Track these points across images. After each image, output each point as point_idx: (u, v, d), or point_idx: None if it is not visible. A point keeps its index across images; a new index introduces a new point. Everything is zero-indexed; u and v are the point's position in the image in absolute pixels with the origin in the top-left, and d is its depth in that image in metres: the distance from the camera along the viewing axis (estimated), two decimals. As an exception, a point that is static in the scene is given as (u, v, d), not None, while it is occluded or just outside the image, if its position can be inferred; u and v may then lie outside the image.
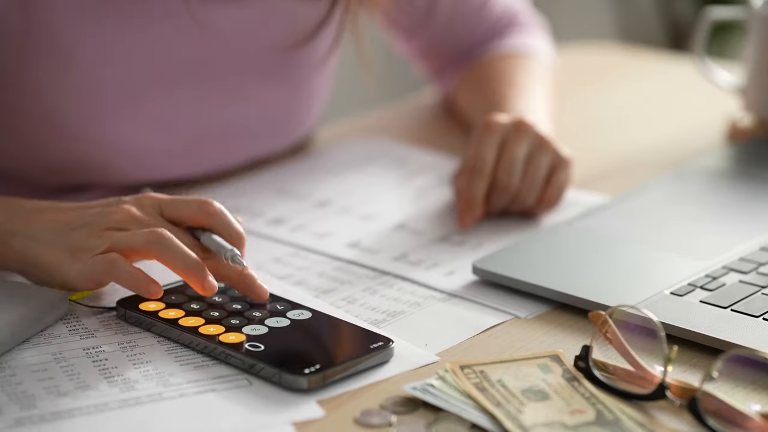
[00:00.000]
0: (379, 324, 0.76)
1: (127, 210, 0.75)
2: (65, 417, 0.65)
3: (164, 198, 0.76)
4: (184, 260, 0.72)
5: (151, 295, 0.73)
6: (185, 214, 0.76)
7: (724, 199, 0.97)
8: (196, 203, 0.76)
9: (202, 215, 0.75)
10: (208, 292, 0.73)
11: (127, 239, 0.73)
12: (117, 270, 0.72)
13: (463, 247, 0.88)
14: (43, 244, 0.74)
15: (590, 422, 0.64)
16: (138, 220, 0.74)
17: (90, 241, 0.73)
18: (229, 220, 0.76)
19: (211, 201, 0.76)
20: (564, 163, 0.92)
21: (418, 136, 1.14)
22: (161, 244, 0.72)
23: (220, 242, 0.75)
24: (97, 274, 0.73)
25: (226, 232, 0.75)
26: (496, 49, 1.13)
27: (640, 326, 0.68)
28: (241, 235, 0.76)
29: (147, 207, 0.75)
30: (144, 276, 0.73)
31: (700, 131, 1.14)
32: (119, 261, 0.72)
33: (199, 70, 0.96)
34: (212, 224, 0.75)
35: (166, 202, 0.76)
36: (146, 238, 0.72)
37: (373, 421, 0.65)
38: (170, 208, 0.76)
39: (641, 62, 1.40)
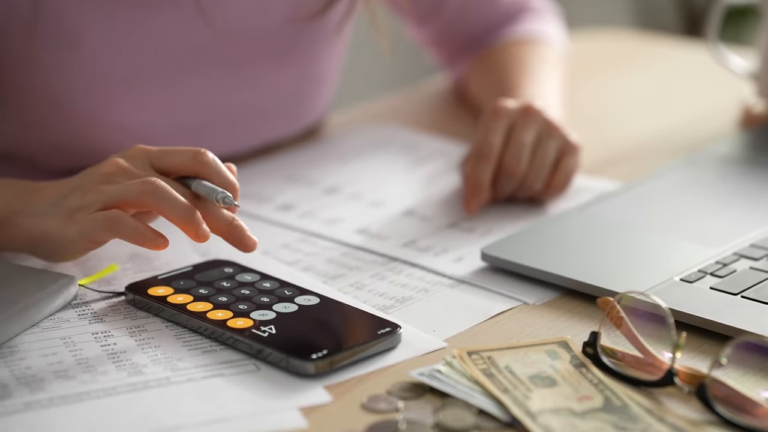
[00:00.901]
0: (387, 310, 0.76)
1: (117, 163, 0.74)
2: (73, 401, 0.65)
3: (153, 149, 0.75)
4: (179, 208, 0.71)
5: (159, 247, 0.71)
6: (176, 163, 0.74)
7: (735, 185, 0.97)
8: (189, 152, 0.74)
9: (196, 164, 0.74)
10: (201, 239, 0.72)
11: (120, 191, 0.72)
12: (119, 225, 0.71)
13: (472, 233, 0.88)
14: (42, 216, 0.73)
15: (598, 408, 0.64)
16: (128, 172, 0.73)
17: (84, 199, 0.72)
18: (221, 168, 0.74)
19: (205, 150, 0.74)
20: (572, 148, 0.92)
21: (429, 123, 1.13)
22: (155, 194, 0.71)
23: (211, 186, 0.73)
24: (98, 231, 0.72)
25: (219, 180, 0.74)
26: (508, 35, 1.13)
27: (648, 312, 0.68)
28: (233, 183, 0.74)
29: (137, 159, 0.74)
30: (149, 229, 0.72)
31: (713, 117, 1.13)
32: (121, 216, 0.71)
33: (207, 55, 0.95)
34: (206, 173, 0.74)
35: (156, 153, 0.74)
36: (140, 188, 0.71)
37: (380, 407, 0.65)
38: (159, 157, 0.74)
39: (655, 48, 1.39)
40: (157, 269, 0.80)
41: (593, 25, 1.78)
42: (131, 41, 0.92)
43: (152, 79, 0.94)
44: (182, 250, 0.83)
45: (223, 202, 0.73)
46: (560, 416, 0.63)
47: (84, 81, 0.91)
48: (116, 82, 0.93)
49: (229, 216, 0.73)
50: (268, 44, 0.98)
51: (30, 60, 0.90)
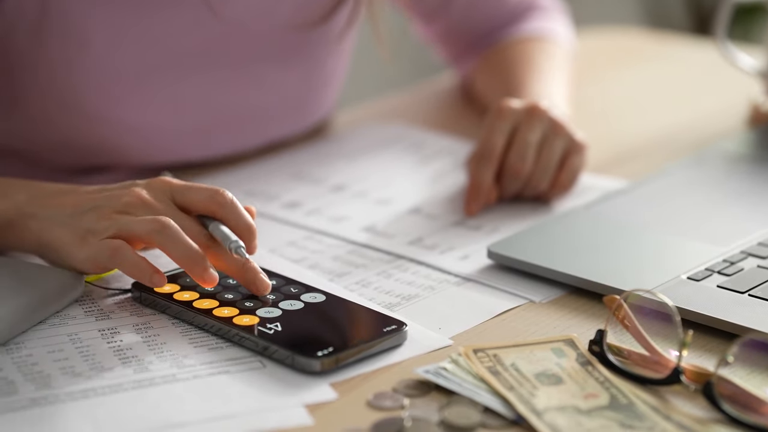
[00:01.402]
0: (393, 307, 0.76)
1: (138, 194, 0.75)
2: (80, 397, 0.65)
3: (177, 184, 0.76)
4: (185, 251, 0.72)
5: (154, 285, 0.73)
6: (196, 202, 0.75)
7: (743, 183, 0.96)
8: (208, 192, 0.75)
9: (213, 204, 0.75)
10: (207, 284, 0.73)
11: (131, 226, 0.73)
12: (120, 257, 0.72)
13: (478, 231, 0.88)
14: (56, 226, 0.74)
15: (604, 406, 0.64)
16: (147, 205, 0.74)
17: (98, 223, 0.73)
18: (239, 211, 0.75)
19: (223, 191, 0.76)
20: (578, 147, 0.92)
21: (436, 121, 1.13)
22: (163, 234, 0.72)
23: (226, 233, 0.74)
24: (101, 259, 0.73)
25: (235, 223, 0.75)
26: (515, 33, 1.12)
27: (655, 311, 0.68)
28: (250, 227, 0.75)
29: (158, 192, 0.75)
30: (147, 265, 0.73)
31: (722, 115, 1.13)
32: (123, 248, 0.72)
33: (213, 54, 0.96)
34: (222, 214, 0.75)
35: (178, 188, 0.76)
36: (150, 227, 0.72)
37: (385, 404, 0.65)
38: (181, 194, 0.75)
39: (663, 46, 1.39)
40: (163, 266, 0.80)
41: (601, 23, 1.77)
42: (137, 39, 0.92)
43: (158, 77, 0.94)
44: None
45: (235, 252, 0.73)
46: (566, 414, 0.63)
47: (90, 78, 0.92)
48: (122, 80, 0.93)
49: (241, 261, 0.74)
50: (274, 44, 0.98)
51: (36, 57, 0.91)
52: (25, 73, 0.91)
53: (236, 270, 0.74)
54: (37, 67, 0.91)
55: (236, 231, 0.75)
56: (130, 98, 0.93)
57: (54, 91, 0.92)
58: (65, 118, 0.93)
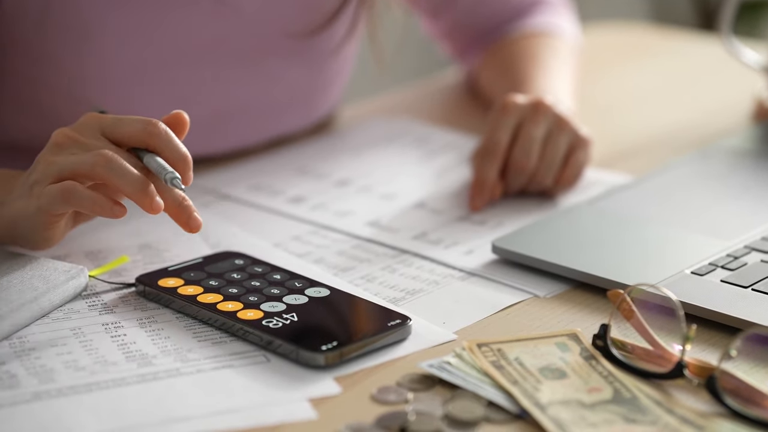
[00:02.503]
0: (397, 302, 0.76)
1: (66, 132, 0.72)
2: (83, 391, 0.65)
3: (106, 117, 0.73)
4: (132, 181, 0.70)
5: (116, 215, 0.70)
6: (128, 134, 0.73)
7: (747, 178, 0.96)
8: (140, 123, 0.72)
9: (146, 135, 0.72)
10: (155, 211, 0.70)
11: (72, 164, 0.71)
12: (74, 196, 0.70)
13: (483, 226, 0.88)
14: (13, 201, 0.73)
15: (607, 400, 0.64)
16: (78, 142, 0.72)
17: (38, 174, 0.71)
18: (174, 141, 0.73)
19: (156, 121, 0.73)
20: (583, 142, 0.92)
21: (441, 116, 1.13)
22: (108, 167, 0.70)
23: (162, 163, 0.72)
24: (55, 204, 0.71)
25: (170, 153, 0.72)
26: (520, 28, 1.12)
27: (658, 305, 0.68)
28: (185, 157, 0.73)
29: (87, 128, 0.72)
30: (105, 198, 0.70)
31: (727, 111, 1.13)
32: (75, 186, 0.70)
33: (219, 50, 0.96)
34: (156, 145, 0.72)
35: (108, 122, 0.73)
36: (92, 161, 0.70)
37: (389, 398, 0.65)
38: (112, 127, 0.72)
39: (668, 42, 1.39)
40: (167, 261, 0.80)
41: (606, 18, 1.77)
42: (146, 34, 0.92)
43: (165, 71, 0.94)
44: (192, 242, 0.83)
45: (171, 184, 0.71)
46: (570, 408, 0.63)
47: (97, 73, 0.92)
48: (129, 74, 0.93)
49: (179, 196, 0.72)
50: (280, 44, 0.98)
51: (43, 51, 0.91)
52: (32, 68, 0.92)
53: (172, 205, 0.71)
54: (44, 62, 0.91)
55: (171, 162, 0.72)
56: (136, 92, 0.94)
57: (61, 86, 0.92)
58: (70, 111, 0.93)
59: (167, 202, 0.71)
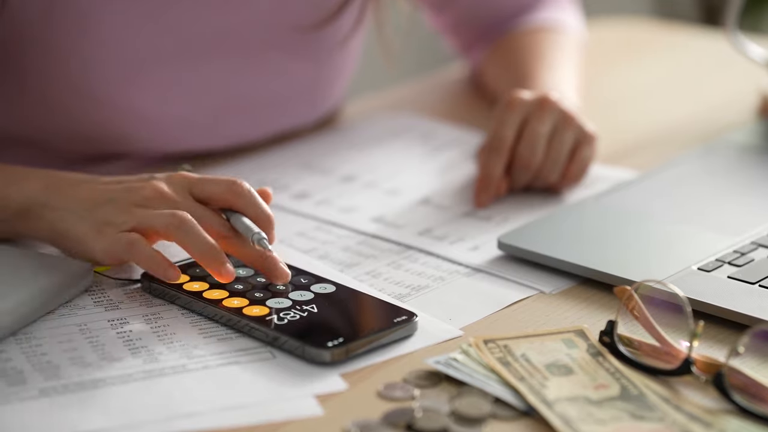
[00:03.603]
0: (403, 298, 0.76)
1: (156, 187, 0.75)
2: (89, 387, 0.65)
3: (194, 177, 0.76)
4: (202, 247, 0.72)
5: (169, 279, 0.73)
6: (214, 194, 0.76)
7: (753, 174, 0.96)
8: (225, 183, 0.76)
9: (231, 195, 0.75)
10: (225, 279, 0.73)
11: (149, 219, 0.73)
12: (136, 251, 0.73)
13: (488, 222, 0.88)
14: (72, 217, 0.74)
15: (614, 397, 0.64)
16: (165, 198, 0.74)
17: (116, 216, 0.74)
18: (257, 201, 0.76)
19: (241, 182, 0.76)
20: (588, 138, 0.91)
21: (446, 111, 1.13)
22: (181, 228, 0.72)
23: (248, 224, 0.75)
24: (118, 252, 0.73)
25: (253, 213, 0.75)
26: (525, 23, 1.12)
27: (666, 301, 0.68)
28: (269, 216, 0.76)
29: (176, 185, 0.76)
30: (162, 259, 0.73)
31: (732, 106, 1.13)
32: (140, 242, 0.73)
33: (224, 42, 0.95)
34: (240, 205, 0.75)
35: (196, 181, 0.76)
36: (167, 221, 0.73)
37: (396, 395, 0.65)
38: (199, 187, 0.76)
39: (673, 37, 1.39)
40: (172, 256, 0.80)
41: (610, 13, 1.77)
42: (151, 26, 0.92)
43: (170, 63, 0.94)
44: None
45: (259, 244, 0.74)
46: (577, 404, 0.63)
47: (102, 65, 0.91)
48: (133, 66, 0.93)
49: (263, 252, 0.74)
50: (286, 35, 0.98)
51: (49, 43, 0.91)
52: (37, 59, 0.91)
53: (257, 260, 0.74)
54: (49, 54, 0.91)
55: (255, 221, 0.75)
56: (140, 85, 0.93)
57: (66, 77, 0.92)
58: (77, 105, 0.93)
59: (252, 258, 0.74)
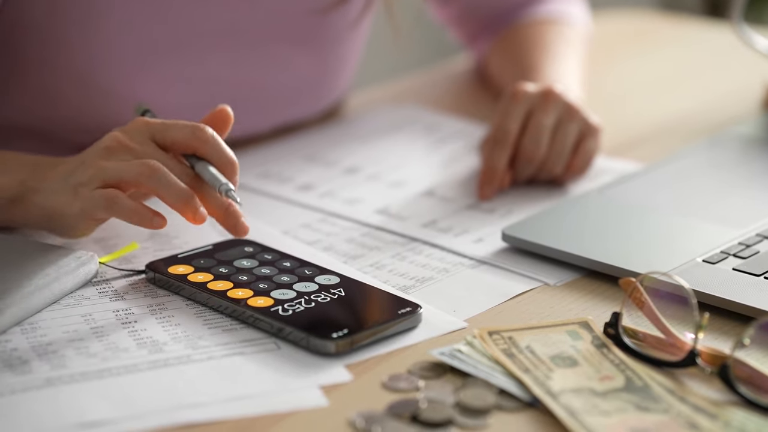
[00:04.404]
0: (407, 290, 0.76)
1: (116, 137, 0.73)
2: (94, 377, 0.65)
3: (155, 123, 0.74)
4: (176, 193, 0.71)
5: (155, 226, 0.72)
6: (178, 140, 0.74)
7: (758, 166, 0.96)
8: (189, 129, 0.74)
9: (196, 141, 0.74)
10: (198, 222, 0.72)
11: (119, 171, 0.72)
12: (117, 206, 0.71)
13: (492, 214, 0.88)
14: (52, 193, 0.74)
15: (619, 389, 0.64)
16: (128, 148, 0.73)
17: (84, 175, 0.72)
18: (221, 146, 0.74)
19: (204, 126, 0.74)
20: (592, 130, 0.91)
21: (450, 103, 1.13)
22: (153, 177, 0.71)
23: (215, 174, 0.73)
24: (96, 209, 0.72)
25: (218, 159, 0.74)
26: (531, 15, 1.12)
27: (671, 293, 0.67)
28: (233, 162, 0.74)
29: (137, 133, 0.74)
30: (145, 209, 0.72)
31: (737, 99, 1.13)
32: (118, 196, 0.71)
33: (230, 34, 0.95)
34: (205, 151, 0.74)
35: (158, 127, 0.74)
36: (138, 170, 0.71)
37: (400, 386, 0.65)
38: (162, 133, 0.74)
39: (678, 30, 1.38)
40: (177, 248, 0.80)
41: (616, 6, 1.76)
42: (156, 18, 0.92)
43: (175, 54, 0.94)
44: (202, 229, 0.83)
45: (226, 195, 0.73)
46: (582, 396, 0.63)
47: (108, 56, 0.91)
48: (136, 56, 0.93)
49: (226, 202, 0.73)
50: (292, 26, 0.98)
51: (53, 33, 0.90)
52: (42, 49, 0.91)
53: (220, 211, 0.73)
54: (52, 43, 0.91)
55: (219, 167, 0.74)
56: (143, 75, 0.93)
57: (70, 67, 0.92)
58: (81, 95, 0.93)
59: (214, 210, 0.73)
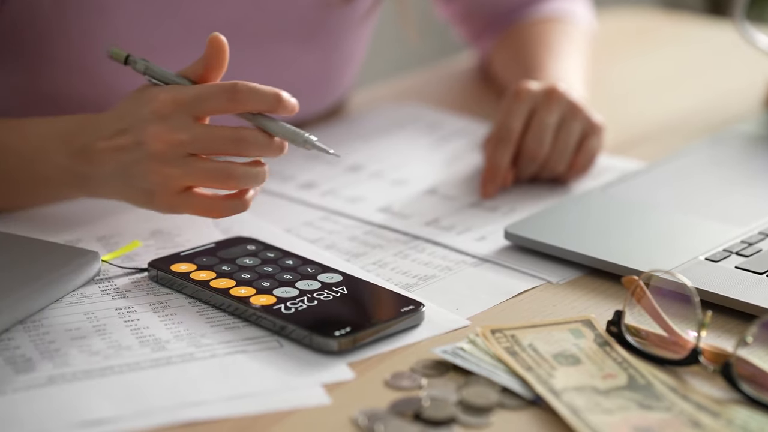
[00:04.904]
0: (410, 288, 0.76)
1: (162, 137, 0.73)
2: (97, 375, 0.65)
3: (185, 100, 0.73)
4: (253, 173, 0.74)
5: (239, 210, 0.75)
6: (216, 110, 0.74)
7: (760, 165, 0.96)
8: (222, 94, 0.73)
9: (234, 104, 0.73)
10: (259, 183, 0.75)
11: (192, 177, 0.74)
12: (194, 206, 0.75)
13: (495, 212, 0.88)
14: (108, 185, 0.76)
15: (622, 387, 0.64)
16: (181, 144, 0.73)
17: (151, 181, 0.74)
18: (258, 90, 0.73)
19: (232, 85, 0.73)
20: (595, 129, 0.91)
21: (453, 101, 1.13)
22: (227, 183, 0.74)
23: (290, 129, 0.75)
24: (176, 211, 0.76)
25: (263, 105, 0.73)
26: (535, 13, 1.12)
27: (673, 291, 0.67)
28: (276, 93, 0.73)
29: (177, 120, 0.73)
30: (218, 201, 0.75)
31: (739, 97, 1.13)
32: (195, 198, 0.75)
33: (235, 31, 0.95)
34: (249, 108, 0.73)
35: (190, 104, 0.73)
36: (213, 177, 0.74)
37: (403, 384, 0.65)
38: (197, 109, 0.73)
39: (680, 28, 1.38)
40: (179, 246, 0.80)
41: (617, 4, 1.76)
42: (161, 12, 0.92)
43: (180, 50, 0.93)
44: (204, 228, 0.83)
45: (309, 146, 0.76)
46: (584, 394, 0.63)
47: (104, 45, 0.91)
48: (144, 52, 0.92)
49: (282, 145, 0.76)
50: (298, 23, 0.98)
51: (62, 30, 0.90)
52: (48, 41, 0.91)
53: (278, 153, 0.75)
54: (60, 39, 0.90)
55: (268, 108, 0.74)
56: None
57: (75, 60, 0.91)
58: (85, 88, 0.93)
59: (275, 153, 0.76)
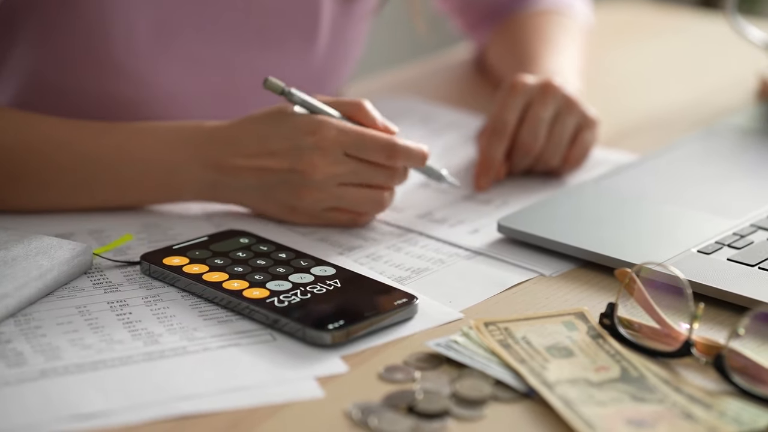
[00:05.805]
0: (403, 281, 0.76)
1: (323, 169, 0.79)
2: (89, 369, 0.65)
3: (348, 140, 0.80)
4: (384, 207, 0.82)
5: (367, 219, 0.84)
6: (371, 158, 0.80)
7: (752, 157, 0.96)
8: (382, 150, 0.80)
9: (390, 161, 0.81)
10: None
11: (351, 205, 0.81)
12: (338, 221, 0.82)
13: (488, 205, 0.88)
14: (247, 197, 0.82)
15: (615, 379, 0.64)
16: (337, 176, 0.80)
17: (300, 199, 0.80)
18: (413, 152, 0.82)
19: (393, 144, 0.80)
20: (590, 123, 0.91)
21: (446, 94, 1.13)
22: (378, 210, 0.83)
23: (433, 169, 0.83)
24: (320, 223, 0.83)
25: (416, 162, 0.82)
26: (531, 5, 1.12)
27: (666, 284, 0.68)
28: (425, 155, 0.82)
29: (335, 155, 0.80)
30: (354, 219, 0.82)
31: (731, 89, 1.13)
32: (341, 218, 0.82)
33: (238, 17, 0.94)
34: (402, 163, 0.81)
35: (353, 145, 0.80)
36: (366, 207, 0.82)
37: (396, 377, 0.65)
38: (356, 153, 0.80)
39: (672, 20, 1.38)
40: (171, 239, 0.80)
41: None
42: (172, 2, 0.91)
43: (181, 34, 0.93)
44: (196, 221, 0.83)
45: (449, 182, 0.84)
46: (577, 386, 0.63)
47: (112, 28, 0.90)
48: (145, 33, 0.92)
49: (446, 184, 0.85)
50: (301, 14, 0.97)
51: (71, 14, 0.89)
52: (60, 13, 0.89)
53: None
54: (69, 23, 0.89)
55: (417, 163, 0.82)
56: (149, 53, 0.92)
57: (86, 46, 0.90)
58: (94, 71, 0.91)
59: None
